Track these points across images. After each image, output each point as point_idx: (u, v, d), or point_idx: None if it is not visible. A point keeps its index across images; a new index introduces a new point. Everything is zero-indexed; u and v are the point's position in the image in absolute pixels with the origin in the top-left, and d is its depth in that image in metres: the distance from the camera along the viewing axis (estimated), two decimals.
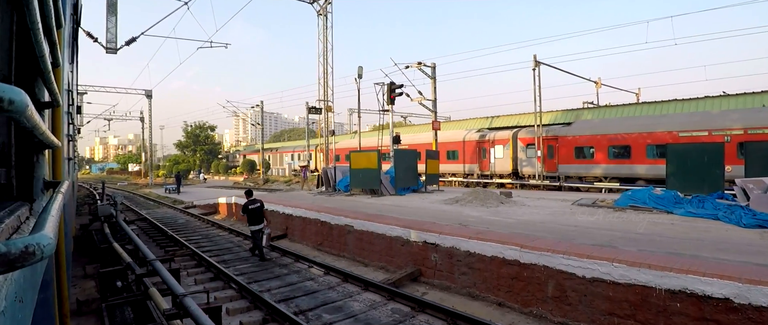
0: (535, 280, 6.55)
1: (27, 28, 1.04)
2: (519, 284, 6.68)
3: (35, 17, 1.00)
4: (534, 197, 13.99)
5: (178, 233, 13.26)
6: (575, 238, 7.19)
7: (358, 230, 9.34)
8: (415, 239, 8.14)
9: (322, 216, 10.47)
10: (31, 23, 1.01)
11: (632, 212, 10.28)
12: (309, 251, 10.54)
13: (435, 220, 9.17)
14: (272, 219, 12.90)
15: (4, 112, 0.60)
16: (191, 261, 9.88)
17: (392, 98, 18.98)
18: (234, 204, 16.04)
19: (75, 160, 13.03)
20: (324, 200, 13.73)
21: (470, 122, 37.00)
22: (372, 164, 14.15)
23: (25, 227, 1.18)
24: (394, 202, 12.68)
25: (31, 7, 0.97)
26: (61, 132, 3.21)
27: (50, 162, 2.49)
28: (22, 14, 1.05)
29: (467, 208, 11.02)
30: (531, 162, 26.80)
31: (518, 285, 6.68)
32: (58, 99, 1.65)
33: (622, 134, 23.52)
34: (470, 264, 7.28)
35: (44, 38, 1.18)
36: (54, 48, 1.61)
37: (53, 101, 1.62)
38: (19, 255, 0.54)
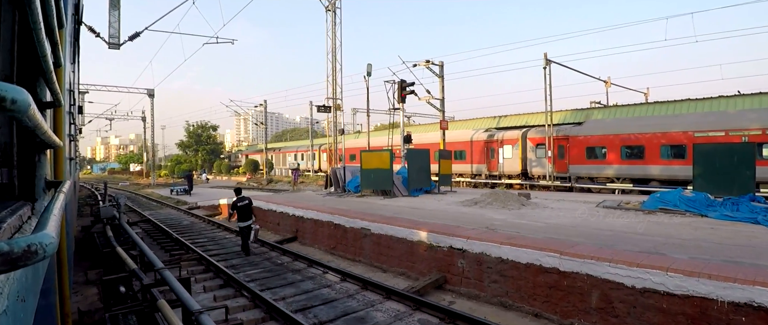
0: (576, 290, 6.03)
1: (29, 28, 1.05)
2: (558, 294, 6.16)
3: (37, 17, 1.00)
4: (552, 198, 13.46)
5: (183, 236, 12.75)
6: (615, 244, 6.66)
7: (375, 233, 8.82)
8: (440, 244, 7.62)
9: (336, 218, 9.95)
10: (33, 23, 1.01)
11: (663, 214, 9.75)
12: (322, 255, 10.03)
13: (457, 223, 8.65)
14: (281, 221, 12.40)
15: (7, 112, 0.60)
16: (198, 266, 9.36)
17: (403, 96, 18.46)
18: None
19: (77, 160, 13.02)
20: (335, 201, 13.21)
21: (476, 122, 36.47)
22: (384, 164, 13.63)
23: (27, 226, 1.19)
24: (408, 203, 12.15)
25: (33, 7, 0.97)
26: (63, 132, 3.17)
27: (52, 162, 2.47)
28: (25, 14, 1.06)
29: (488, 210, 10.49)
30: (541, 162, 26.29)
31: (557, 295, 6.16)
32: (60, 99, 1.65)
33: (635, 134, 23.01)
34: (502, 271, 6.76)
35: (46, 38, 1.16)
36: (56, 48, 1.58)
37: (55, 101, 1.62)
38: (21, 254, 0.54)
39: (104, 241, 9.91)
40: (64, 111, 3.36)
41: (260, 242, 11.23)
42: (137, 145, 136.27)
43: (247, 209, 10.00)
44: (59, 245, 1.28)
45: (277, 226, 12.63)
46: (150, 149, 44.20)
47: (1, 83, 0.59)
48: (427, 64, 24.27)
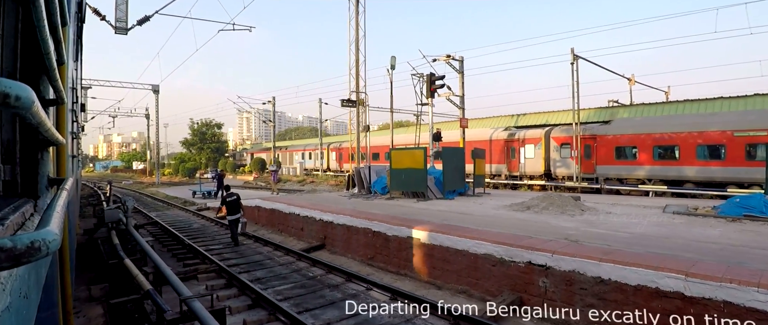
0: (701, 321, 4.77)
1: (33, 25, 1.05)
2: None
3: (41, 15, 1.00)
4: (603, 202, 12.12)
5: (196, 241, 11.51)
6: (743, 261, 5.40)
7: (427, 243, 7.56)
8: (515, 259, 6.36)
9: (375, 225, 8.68)
10: (36, 21, 1.01)
11: (750, 222, 8.48)
12: (358, 267, 8.77)
13: (523, 232, 7.39)
14: (306, 226, 11.13)
15: (11, 108, 0.60)
16: (218, 279, 8.12)
17: (433, 90, 17.18)
18: (256, 208, 14.26)
19: (79, 158, 12.06)
20: (363, 204, 11.94)
21: (493, 121, 35.18)
22: (418, 164, 12.36)
23: (29, 223, 1.19)
24: (449, 207, 10.88)
25: (37, 5, 0.97)
26: (66, 129, 3.05)
27: (55, 159, 2.43)
28: (28, 12, 1.08)
29: (546, 216, 9.23)
30: (565, 163, 25.06)
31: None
32: (63, 96, 1.70)
33: (668, 133, 21.79)
34: (600, 294, 5.50)
35: (49, 36, 1.14)
36: (59, 46, 1.60)
37: (58, 99, 1.65)
38: (24, 250, 0.54)
39: (109, 249, 8.67)
40: (67, 109, 3.27)
41: (285, 250, 10.00)
42: (139, 143, 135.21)
43: (235, 204, 11.02)
44: (62, 242, 1.03)
45: (301, 231, 11.37)
46: (154, 147, 42.98)
47: (5, 80, 0.59)
48: (447, 59, 23.00)
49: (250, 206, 14.44)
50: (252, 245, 11.23)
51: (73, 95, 5.97)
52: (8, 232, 0.88)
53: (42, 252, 0.56)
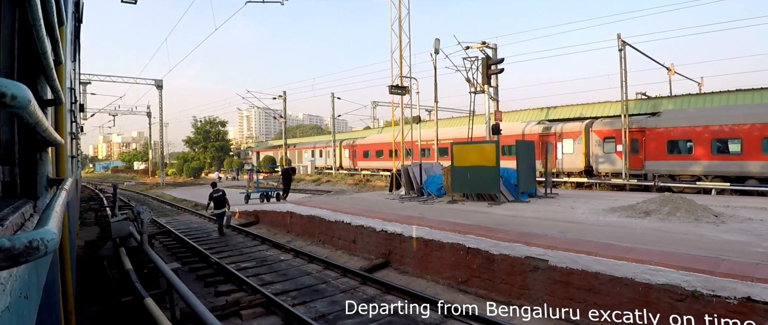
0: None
1: (29, 25, 1.03)
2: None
3: (37, 14, 0.98)
4: (715, 203, 9.96)
5: (223, 257, 9.43)
6: None
7: (561, 268, 5.49)
8: (721, 294, 4.30)
9: (470, 240, 6.58)
10: (33, 20, 0.99)
11: None
12: (448, 293, 6.70)
13: (684, 249, 5.32)
14: (359, 238, 9.02)
15: (7, 108, 0.59)
16: (269, 316, 6.05)
17: (489, 75, 15.10)
18: (288, 214, 12.13)
19: (78, 158, 11.39)
20: (428, 209, 9.79)
21: (522, 114, 33.10)
22: (489, 161, 10.28)
23: (29, 224, 1.17)
24: (539, 214, 8.78)
25: (33, 4, 0.95)
26: (64, 129, 3.03)
27: (53, 160, 2.42)
28: (25, 11, 1.03)
29: (674, 224, 7.14)
30: (609, 158, 23.10)
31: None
32: (61, 96, 1.68)
33: (729, 125, 19.89)
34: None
35: (46, 35, 1.14)
36: (56, 45, 1.58)
37: (56, 99, 1.63)
38: (23, 250, 0.53)
39: (119, 275, 6.62)
40: (65, 109, 3.18)
41: (341, 270, 7.93)
42: (140, 143, 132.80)
43: (221, 199, 12.30)
44: (62, 242, 1.15)
45: (352, 244, 9.26)
46: (157, 146, 40.85)
47: (1, 79, 0.58)
48: (481, 46, 20.86)
49: (281, 212, 12.35)
50: (293, 261, 9.13)
51: (72, 95, 5.97)
52: (7, 232, 0.87)
53: (40, 252, 0.55)
